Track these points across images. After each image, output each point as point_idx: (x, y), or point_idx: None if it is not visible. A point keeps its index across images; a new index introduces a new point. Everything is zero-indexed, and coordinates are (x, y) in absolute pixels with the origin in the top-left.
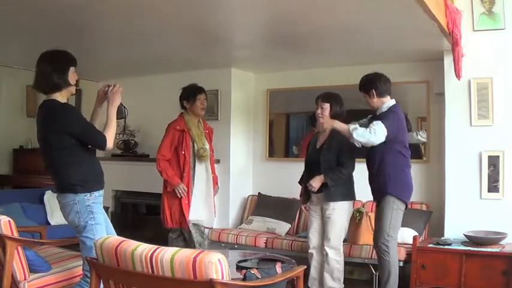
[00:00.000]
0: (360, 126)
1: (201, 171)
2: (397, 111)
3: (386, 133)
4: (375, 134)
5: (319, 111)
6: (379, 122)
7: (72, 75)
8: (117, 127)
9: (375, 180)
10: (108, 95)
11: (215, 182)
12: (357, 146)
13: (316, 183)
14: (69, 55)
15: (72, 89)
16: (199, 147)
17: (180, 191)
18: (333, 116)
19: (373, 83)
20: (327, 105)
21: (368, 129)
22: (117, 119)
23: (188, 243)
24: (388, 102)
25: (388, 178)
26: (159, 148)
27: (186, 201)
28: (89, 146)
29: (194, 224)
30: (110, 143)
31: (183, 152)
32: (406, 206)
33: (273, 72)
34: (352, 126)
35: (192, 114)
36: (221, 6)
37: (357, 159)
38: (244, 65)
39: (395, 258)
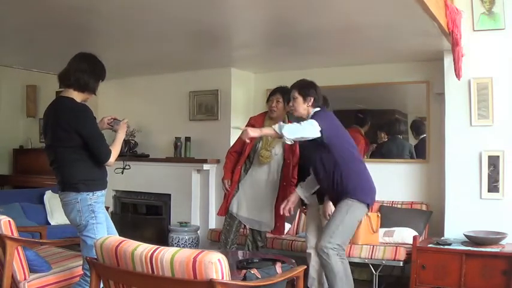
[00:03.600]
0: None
1: (258, 171)
2: (323, 111)
3: (319, 127)
4: (303, 127)
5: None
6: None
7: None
8: None
9: (330, 185)
10: (115, 126)
11: (285, 192)
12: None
13: (329, 209)
14: (104, 67)
15: (90, 98)
16: (261, 147)
17: (223, 186)
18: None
19: (314, 90)
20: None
21: (296, 124)
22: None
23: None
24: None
25: (347, 180)
26: None
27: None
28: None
29: (232, 216)
30: (113, 159)
31: (245, 146)
32: (369, 208)
33: (272, 72)
34: (277, 126)
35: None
36: (221, 7)
37: None
38: (244, 65)
39: (338, 265)
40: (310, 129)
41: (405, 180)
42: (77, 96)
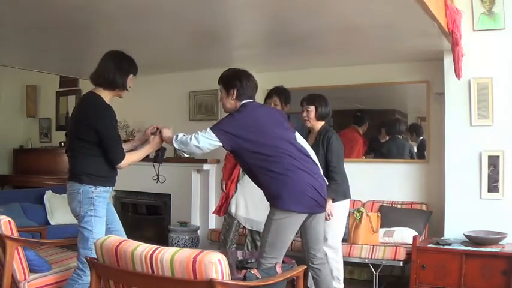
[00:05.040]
0: None
1: None
2: (242, 110)
3: (215, 137)
4: (196, 139)
5: (304, 114)
6: (209, 127)
7: (129, 81)
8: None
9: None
10: (152, 137)
11: None
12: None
13: (329, 209)
14: (134, 62)
15: (122, 94)
16: None
17: (221, 186)
18: (319, 117)
19: (237, 80)
20: (312, 108)
21: (192, 134)
22: (155, 161)
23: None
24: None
25: (268, 186)
26: None
27: (225, 193)
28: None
29: (230, 216)
30: (125, 164)
31: None
32: (311, 214)
33: (273, 72)
34: (176, 135)
35: None
36: (221, 7)
37: (353, 159)
38: (244, 65)
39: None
40: (199, 144)
41: (405, 180)
42: (107, 94)
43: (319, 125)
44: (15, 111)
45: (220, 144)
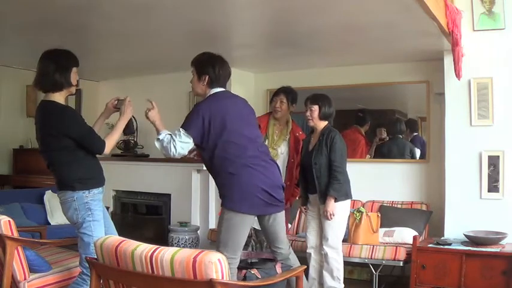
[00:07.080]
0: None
1: None
2: (209, 100)
3: (189, 139)
4: (175, 148)
5: (308, 113)
6: (181, 128)
7: (74, 76)
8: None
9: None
10: (121, 108)
11: (289, 192)
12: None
13: (331, 208)
14: (72, 55)
15: (73, 89)
16: (268, 146)
17: None
18: (322, 116)
19: (210, 67)
20: (315, 107)
21: (172, 138)
22: (126, 133)
23: None
24: (213, 91)
25: (221, 186)
26: None
27: None
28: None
29: None
30: (108, 149)
31: None
32: (270, 216)
33: (273, 72)
34: (162, 133)
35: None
36: (221, 6)
37: (354, 158)
38: (244, 65)
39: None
40: (176, 153)
41: (405, 180)
42: (59, 96)
43: (322, 124)
44: (15, 111)
45: (193, 145)
